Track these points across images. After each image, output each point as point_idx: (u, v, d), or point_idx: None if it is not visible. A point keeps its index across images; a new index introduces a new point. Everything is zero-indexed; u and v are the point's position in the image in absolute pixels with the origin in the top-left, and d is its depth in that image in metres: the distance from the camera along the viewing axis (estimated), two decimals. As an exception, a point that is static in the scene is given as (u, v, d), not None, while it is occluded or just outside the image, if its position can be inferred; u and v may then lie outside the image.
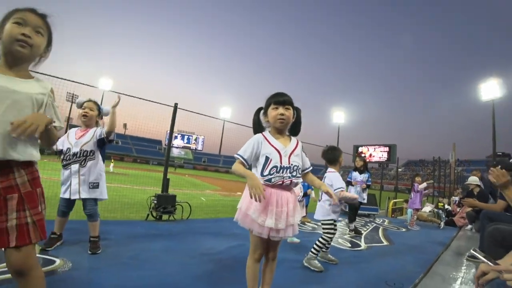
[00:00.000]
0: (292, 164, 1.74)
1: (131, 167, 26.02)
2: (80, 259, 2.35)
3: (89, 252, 2.52)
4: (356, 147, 13.90)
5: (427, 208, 8.49)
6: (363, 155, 13.33)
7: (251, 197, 1.53)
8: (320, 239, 2.90)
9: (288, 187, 1.75)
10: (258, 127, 1.86)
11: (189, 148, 59.36)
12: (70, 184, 2.52)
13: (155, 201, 4.38)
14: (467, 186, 5.93)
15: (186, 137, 55.58)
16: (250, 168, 1.79)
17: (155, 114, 5.47)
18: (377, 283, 2.59)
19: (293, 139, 1.86)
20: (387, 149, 13.11)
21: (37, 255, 1.11)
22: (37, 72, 1.33)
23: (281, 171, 1.70)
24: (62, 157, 2.59)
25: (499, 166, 3.49)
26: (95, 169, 2.63)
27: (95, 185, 2.60)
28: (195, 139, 56.41)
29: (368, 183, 5.11)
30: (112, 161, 23.33)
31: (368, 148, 13.84)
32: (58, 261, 2.24)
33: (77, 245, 2.65)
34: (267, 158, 1.71)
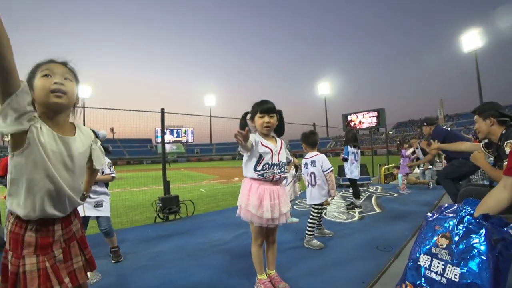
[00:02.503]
0: (280, 161, 2.06)
1: (126, 169, 25.97)
2: (106, 269, 2.62)
3: (112, 261, 2.79)
4: (344, 116, 13.73)
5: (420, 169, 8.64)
6: (352, 123, 13.21)
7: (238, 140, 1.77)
8: (310, 220, 3.14)
9: (277, 182, 2.06)
10: None
11: (180, 141, 59.13)
12: None
13: (160, 204, 4.66)
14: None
15: (175, 131, 55.24)
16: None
17: (141, 115, 5.58)
18: (369, 249, 2.91)
19: (278, 139, 2.16)
20: (375, 114, 12.70)
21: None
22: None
23: (272, 167, 2.01)
24: None
25: (424, 123, 4.35)
26: (98, 191, 2.76)
27: (99, 204, 2.74)
28: (185, 132, 56.09)
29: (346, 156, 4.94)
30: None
31: (357, 116, 13.44)
32: (89, 274, 2.47)
33: (100, 257, 2.86)
34: (260, 156, 1.99)
